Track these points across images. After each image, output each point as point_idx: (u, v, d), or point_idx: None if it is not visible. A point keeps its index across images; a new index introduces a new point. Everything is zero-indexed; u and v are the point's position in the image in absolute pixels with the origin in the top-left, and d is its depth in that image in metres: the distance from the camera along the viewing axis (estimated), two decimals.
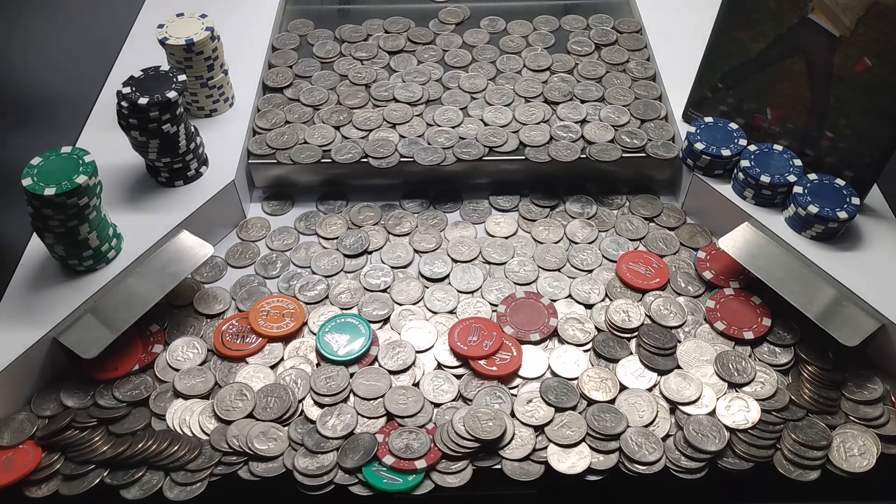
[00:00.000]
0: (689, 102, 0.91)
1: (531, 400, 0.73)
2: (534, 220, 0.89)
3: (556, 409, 0.72)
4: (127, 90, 0.78)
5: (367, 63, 1.02)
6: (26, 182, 0.70)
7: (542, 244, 0.87)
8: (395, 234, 0.88)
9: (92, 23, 1.08)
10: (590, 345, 0.78)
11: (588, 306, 0.81)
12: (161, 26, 0.87)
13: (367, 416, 0.72)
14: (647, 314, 0.80)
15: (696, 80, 0.89)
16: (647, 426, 0.72)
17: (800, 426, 0.72)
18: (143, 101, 0.77)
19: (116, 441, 0.71)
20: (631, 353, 0.77)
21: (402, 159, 0.90)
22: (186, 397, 0.74)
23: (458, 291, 0.82)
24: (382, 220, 0.89)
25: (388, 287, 0.83)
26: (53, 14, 1.00)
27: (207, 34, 0.87)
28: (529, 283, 0.83)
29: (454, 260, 0.85)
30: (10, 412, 0.73)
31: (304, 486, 0.69)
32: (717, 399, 0.73)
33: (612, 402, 0.73)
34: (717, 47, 0.86)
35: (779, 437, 0.71)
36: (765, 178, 0.81)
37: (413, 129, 0.93)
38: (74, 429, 0.71)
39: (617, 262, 0.84)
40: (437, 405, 0.73)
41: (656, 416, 0.72)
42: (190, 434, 0.72)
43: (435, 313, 0.81)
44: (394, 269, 0.84)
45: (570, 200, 0.91)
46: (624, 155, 0.90)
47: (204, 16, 0.89)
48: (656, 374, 0.76)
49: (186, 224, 0.82)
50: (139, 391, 0.74)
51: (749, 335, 0.78)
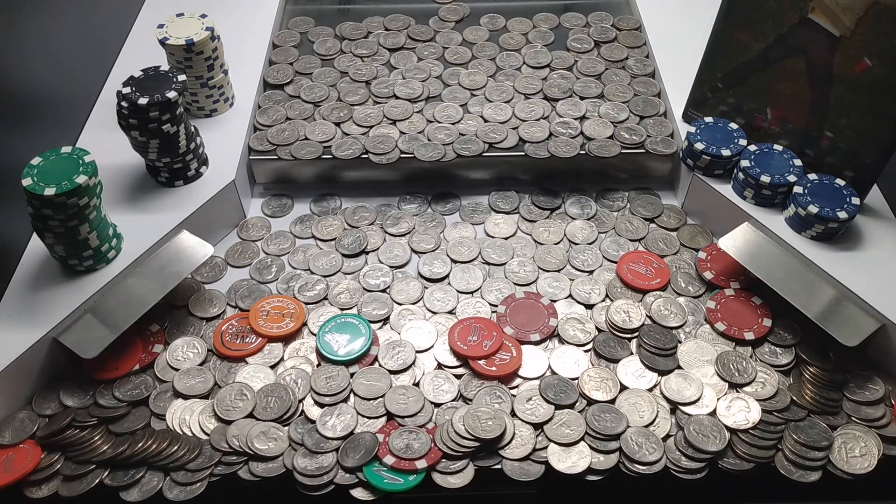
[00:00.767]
0: (689, 102, 0.91)
1: (531, 398, 0.73)
2: (534, 221, 0.89)
3: (556, 406, 0.72)
4: (127, 90, 0.77)
5: (368, 60, 1.02)
6: (26, 182, 0.70)
7: (542, 245, 0.87)
8: (393, 234, 0.88)
9: (92, 23, 1.08)
10: (590, 345, 0.78)
11: (588, 306, 0.81)
12: (161, 26, 0.87)
13: (368, 416, 0.72)
14: (647, 314, 0.80)
15: (696, 80, 0.89)
16: (647, 426, 0.72)
17: (801, 427, 0.72)
18: (143, 101, 0.77)
19: (116, 441, 0.71)
20: (631, 353, 0.77)
21: (402, 155, 0.90)
22: (186, 397, 0.74)
23: (458, 292, 0.82)
24: (379, 220, 0.89)
25: (388, 287, 0.83)
26: (53, 14, 1.00)
27: (207, 34, 0.87)
28: (529, 283, 0.83)
29: (454, 260, 0.85)
30: (11, 412, 0.73)
31: (304, 486, 0.68)
32: (718, 399, 0.73)
33: (613, 402, 0.73)
34: (717, 47, 0.86)
35: (780, 438, 0.71)
36: (765, 178, 0.81)
37: (413, 125, 0.93)
38: (75, 428, 0.71)
39: (617, 263, 0.84)
40: (438, 405, 0.73)
41: (657, 416, 0.72)
42: (190, 434, 0.72)
43: (434, 313, 0.81)
44: (392, 269, 0.84)
45: (570, 202, 0.91)
46: (623, 151, 0.90)
47: (204, 16, 0.89)
48: (657, 374, 0.76)
49: (186, 224, 0.82)
50: (139, 391, 0.74)
51: (750, 336, 0.78)
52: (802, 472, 0.70)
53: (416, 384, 0.75)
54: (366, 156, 0.90)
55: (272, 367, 0.76)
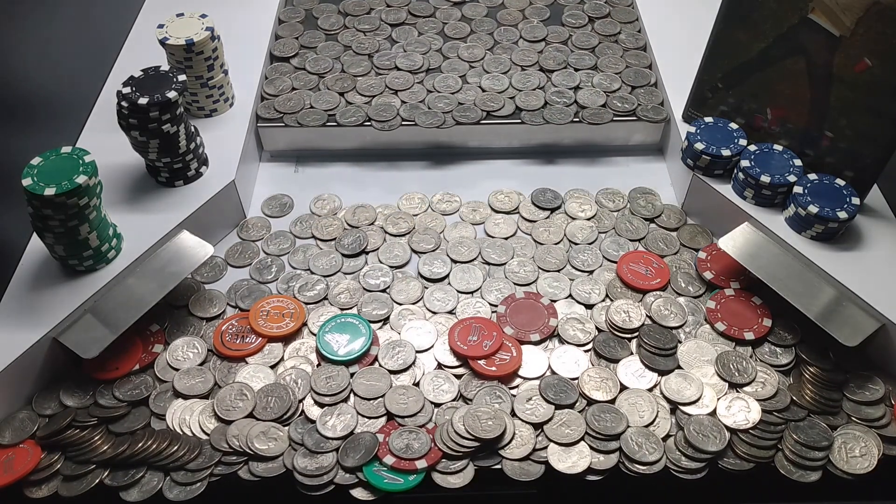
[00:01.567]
0: (689, 102, 0.91)
1: (531, 398, 0.73)
2: (534, 221, 0.89)
3: (556, 406, 0.72)
4: (127, 90, 0.77)
5: (370, 35, 1.06)
6: (26, 182, 0.70)
7: (542, 245, 0.87)
8: (393, 234, 0.88)
9: (92, 23, 1.08)
10: (590, 345, 0.78)
11: (588, 306, 0.81)
12: (161, 26, 0.87)
13: (368, 416, 0.72)
14: (647, 314, 0.80)
15: (696, 80, 0.89)
16: (647, 426, 0.72)
17: (801, 427, 0.72)
18: (143, 101, 0.76)
19: (116, 441, 0.71)
20: (631, 353, 0.77)
21: (402, 123, 0.94)
22: (186, 397, 0.74)
23: (458, 292, 0.82)
24: (379, 220, 0.89)
25: (388, 287, 0.83)
26: (53, 14, 1.00)
27: (207, 34, 0.87)
28: (529, 283, 0.83)
29: (454, 260, 0.85)
30: (11, 412, 0.73)
31: (304, 486, 0.68)
32: (718, 399, 0.73)
33: (613, 402, 0.73)
34: (717, 47, 0.86)
35: (780, 438, 0.71)
36: (765, 178, 0.81)
37: (414, 94, 0.97)
38: (75, 428, 0.71)
39: (617, 263, 0.84)
40: (438, 405, 0.73)
41: (657, 416, 0.72)
42: (190, 434, 0.72)
43: (434, 313, 0.81)
44: (392, 269, 0.84)
45: (570, 201, 0.91)
46: (615, 118, 0.94)
47: (204, 16, 0.89)
48: (657, 374, 0.76)
49: (186, 224, 0.82)
50: (139, 391, 0.74)
51: (750, 336, 0.78)
52: (802, 472, 0.70)
53: (416, 384, 0.75)
54: (368, 123, 0.94)
55: (272, 367, 0.76)
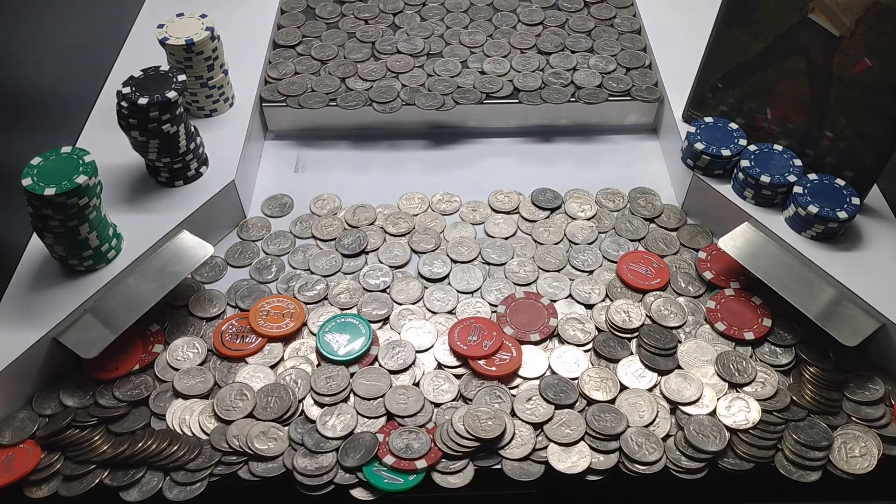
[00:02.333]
0: (689, 102, 0.91)
1: (531, 398, 0.73)
2: (534, 221, 0.89)
3: (556, 406, 0.72)
4: (127, 90, 0.77)
5: (372, 22, 1.08)
6: (26, 182, 0.70)
7: (542, 245, 0.87)
8: (392, 234, 0.88)
9: (92, 23, 1.08)
10: (590, 345, 0.78)
11: (588, 306, 0.81)
12: (161, 26, 0.87)
13: (367, 416, 0.72)
14: (647, 314, 0.80)
15: (696, 80, 0.89)
16: (647, 426, 0.72)
17: (801, 427, 0.72)
18: (143, 101, 0.76)
19: (116, 441, 0.71)
20: (631, 353, 0.77)
21: (403, 104, 0.96)
22: (186, 397, 0.74)
23: (458, 291, 0.82)
24: (379, 220, 0.89)
25: (388, 287, 0.83)
26: (53, 14, 1.00)
27: (207, 34, 0.87)
28: (529, 283, 0.83)
29: (454, 260, 0.85)
30: (11, 412, 0.73)
31: (304, 486, 0.68)
32: (718, 399, 0.73)
33: (613, 401, 0.73)
34: (717, 47, 0.86)
35: (780, 438, 0.71)
36: (765, 178, 0.81)
37: (415, 78, 1.00)
38: (75, 428, 0.71)
39: (617, 263, 0.84)
40: (437, 405, 0.73)
41: (657, 416, 0.72)
42: (190, 434, 0.72)
43: (434, 313, 0.81)
44: (392, 269, 0.84)
45: (570, 201, 0.91)
46: (610, 98, 0.98)
47: (204, 16, 0.89)
48: (657, 374, 0.76)
49: (186, 224, 0.82)
50: (139, 391, 0.74)
51: (749, 336, 0.78)
52: (802, 472, 0.70)
53: (416, 384, 0.75)
54: (370, 105, 0.96)
55: (272, 367, 0.76)
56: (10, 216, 0.82)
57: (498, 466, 0.70)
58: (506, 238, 0.88)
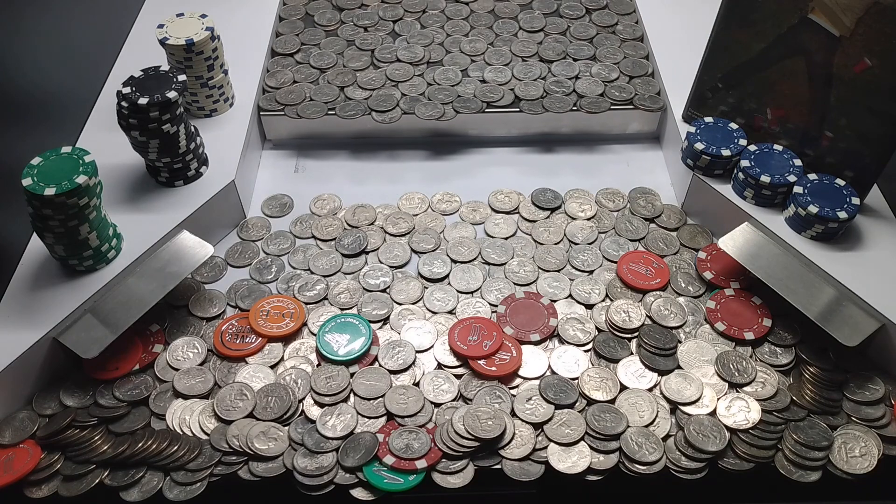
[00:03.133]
0: (689, 102, 0.91)
1: (531, 398, 0.73)
2: (534, 221, 0.89)
3: (556, 406, 0.72)
4: (127, 90, 0.78)
5: (372, 30, 1.07)
6: (26, 182, 0.70)
7: (542, 245, 0.87)
8: (392, 234, 0.88)
9: (92, 22, 1.08)
10: (590, 345, 0.78)
11: (588, 306, 0.81)
12: (161, 26, 0.87)
13: (368, 416, 0.72)
14: (647, 314, 0.80)
15: (696, 80, 0.89)
16: (647, 426, 0.72)
17: (801, 426, 0.72)
18: (143, 101, 0.77)
19: (116, 441, 0.71)
20: (631, 353, 0.77)
21: (403, 114, 0.95)
22: (186, 397, 0.74)
23: (458, 292, 0.82)
24: (379, 220, 0.89)
25: (388, 287, 0.83)
26: (53, 14, 1.00)
27: (207, 34, 0.87)
28: (529, 283, 0.83)
29: (454, 260, 0.85)
30: (11, 412, 0.73)
31: (304, 485, 0.68)
32: (718, 399, 0.73)
33: (613, 401, 0.73)
34: (717, 47, 0.86)
35: (780, 438, 0.71)
36: (765, 178, 0.81)
37: (414, 87, 0.98)
38: (75, 428, 0.71)
39: (617, 263, 0.84)
40: (438, 405, 0.73)
41: (657, 416, 0.72)
42: (190, 434, 0.72)
43: (434, 313, 0.81)
44: (392, 269, 0.84)
45: (570, 201, 0.91)
46: (612, 107, 0.96)
47: (204, 16, 0.89)
48: (657, 374, 0.76)
49: (186, 224, 0.82)
50: (139, 391, 0.74)
51: (749, 335, 0.78)
52: (802, 472, 0.70)
53: (416, 384, 0.75)
54: (368, 115, 0.95)
55: (272, 367, 0.76)
56: (10, 216, 0.82)
57: (498, 466, 0.70)
58: (506, 238, 0.88)
